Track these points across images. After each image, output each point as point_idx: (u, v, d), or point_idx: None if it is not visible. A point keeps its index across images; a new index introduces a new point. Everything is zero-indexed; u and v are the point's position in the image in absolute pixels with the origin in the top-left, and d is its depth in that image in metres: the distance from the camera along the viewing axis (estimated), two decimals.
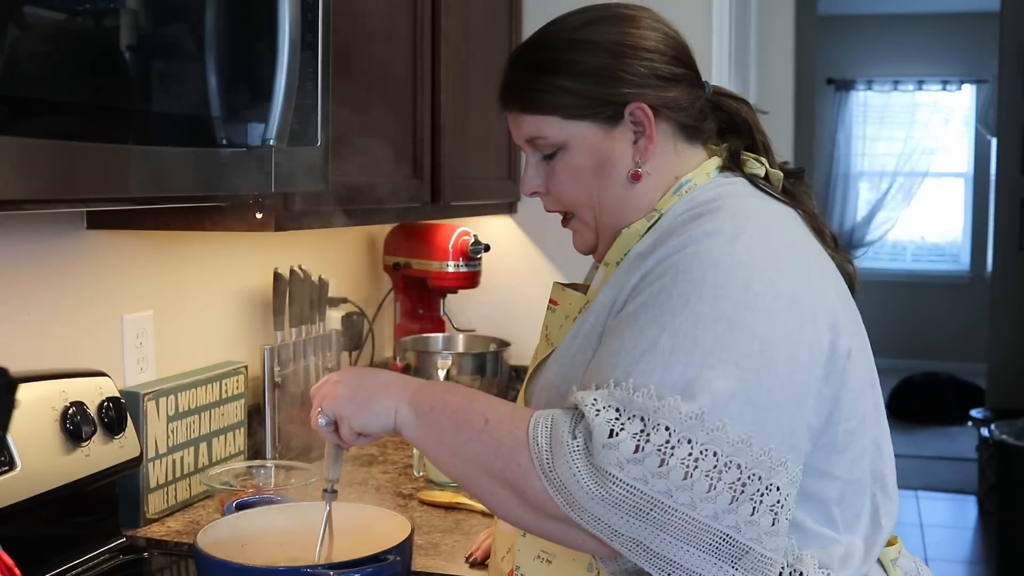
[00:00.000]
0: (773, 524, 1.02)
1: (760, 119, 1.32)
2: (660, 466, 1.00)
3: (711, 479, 1.00)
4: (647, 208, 1.23)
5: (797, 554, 1.10)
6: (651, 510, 1.00)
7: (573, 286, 1.31)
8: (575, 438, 1.04)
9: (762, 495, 1.01)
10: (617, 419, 1.02)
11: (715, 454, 1.00)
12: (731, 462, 1.01)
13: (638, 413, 1.02)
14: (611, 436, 1.01)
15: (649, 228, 1.21)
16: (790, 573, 1.09)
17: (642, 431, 1.01)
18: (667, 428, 1.01)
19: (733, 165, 1.26)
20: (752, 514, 1.01)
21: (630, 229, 1.22)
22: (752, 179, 1.24)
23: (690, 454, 1.00)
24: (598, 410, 1.03)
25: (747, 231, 1.12)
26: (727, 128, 1.29)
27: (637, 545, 1.02)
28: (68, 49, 1.07)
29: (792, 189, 1.27)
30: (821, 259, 1.18)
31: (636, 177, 1.22)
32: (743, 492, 1.00)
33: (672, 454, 1.00)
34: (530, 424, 1.08)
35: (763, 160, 1.27)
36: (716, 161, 1.26)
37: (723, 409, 1.01)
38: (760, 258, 1.09)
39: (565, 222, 1.31)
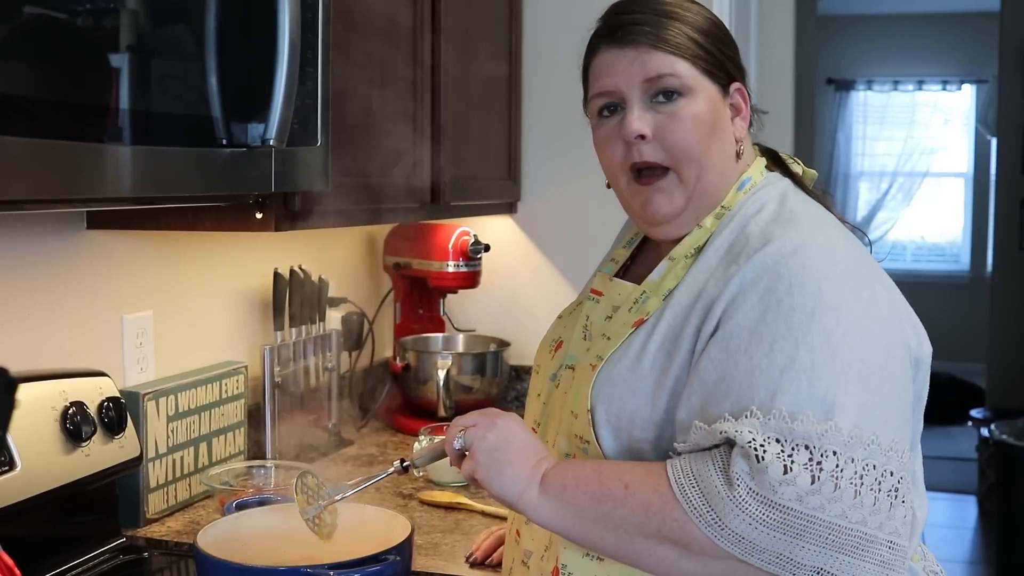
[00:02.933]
0: (906, 516, 1.07)
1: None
2: (834, 491, 1.03)
3: (874, 492, 1.04)
4: (732, 186, 1.25)
5: None
6: (829, 535, 1.03)
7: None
8: (732, 485, 1.04)
9: (904, 493, 1.06)
10: (783, 451, 1.03)
11: (874, 467, 1.04)
12: (887, 470, 1.05)
13: (801, 441, 1.03)
14: (785, 472, 1.02)
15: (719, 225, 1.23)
16: None
17: (810, 459, 1.03)
18: (834, 452, 1.03)
19: (774, 165, 1.30)
20: (905, 516, 1.07)
21: (700, 228, 1.23)
22: (794, 179, 1.29)
23: (856, 472, 1.03)
24: (762, 446, 1.03)
25: (834, 239, 1.17)
26: None
27: (818, 572, 1.05)
28: (68, 49, 1.07)
29: (819, 193, 1.31)
30: (861, 252, 1.22)
31: (739, 155, 1.26)
32: (896, 495, 1.06)
33: (841, 475, 1.03)
34: (671, 479, 1.08)
35: (798, 160, 1.33)
36: (762, 161, 1.29)
37: (871, 421, 1.05)
38: (856, 267, 1.14)
39: (652, 178, 1.23)
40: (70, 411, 1.48)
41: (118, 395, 1.59)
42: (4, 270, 1.54)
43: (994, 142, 6.16)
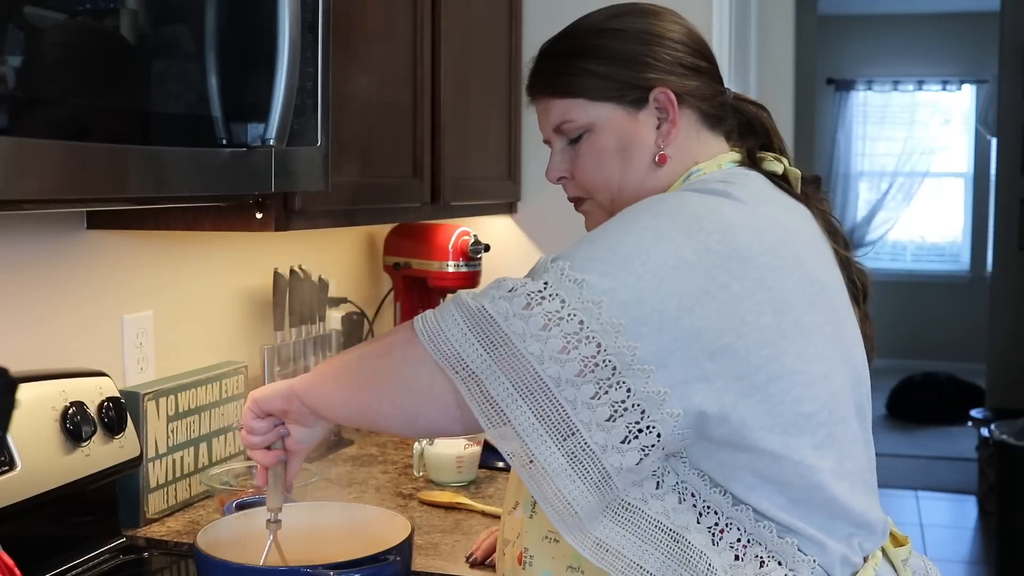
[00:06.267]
0: (610, 420, 1.02)
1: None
2: (524, 308, 1.03)
3: (567, 342, 1.02)
4: (662, 191, 1.24)
5: (755, 522, 1.10)
6: (500, 345, 1.03)
7: None
8: (460, 292, 1.09)
9: (610, 385, 1.02)
10: (521, 281, 1.07)
11: (581, 323, 1.02)
12: (593, 337, 1.02)
13: (531, 275, 1.08)
14: (511, 291, 1.06)
15: None
16: (748, 541, 1.09)
17: (523, 284, 1.06)
18: (545, 283, 1.05)
19: (750, 162, 1.27)
20: (593, 397, 1.02)
21: None
22: (769, 175, 1.25)
23: (557, 311, 1.03)
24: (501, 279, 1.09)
25: (732, 196, 1.14)
26: (746, 131, 1.31)
27: (476, 383, 1.04)
28: (68, 49, 1.07)
29: (809, 194, 1.28)
30: (810, 246, 1.18)
31: (662, 161, 1.25)
32: (592, 372, 1.02)
33: (540, 303, 1.03)
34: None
35: (782, 159, 1.29)
36: (733, 156, 1.27)
37: (608, 293, 1.03)
38: (730, 214, 1.11)
39: (578, 205, 1.33)
40: (70, 411, 1.48)
41: (118, 395, 1.59)
42: (4, 270, 1.54)
43: (994, 142, 6.16)
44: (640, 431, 1.03)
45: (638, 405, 1.03)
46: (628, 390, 1.02)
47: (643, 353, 1.02)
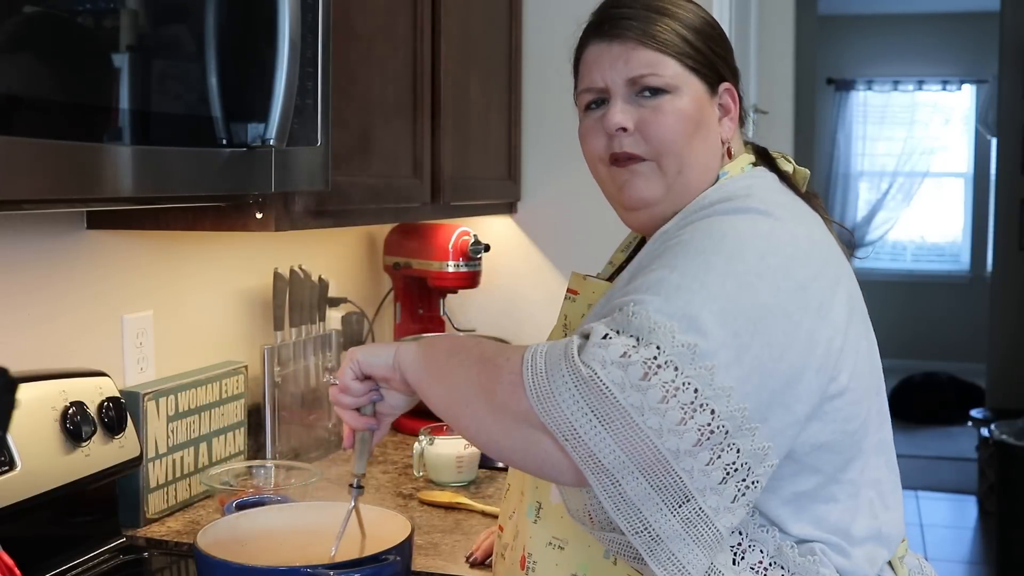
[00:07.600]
0: (722, 483, 1.01)
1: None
2: (642, 379, 0.99)
3: (685, 413, 0.99)
4: (707, 186, 1.24)
5: (778, 544, 1.11)
6: (617, 420, 0.99)
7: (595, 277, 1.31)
8: (570, 344, 1.04)
9: (722, 449, 1.01)
10: (616, 332, 1.03)
11: (696, 391, 1.00)
12: (707, 405, 1.00)
13: (635, 333, 1.02)
14: (605, 338, 1.02)
15: None
16: (770, 563, 1.10)
17: (634, 346, 1.01)
18: (658, 347, 1.00)
19: (763, 162, 1.29)
20: (708, 464, 1.00)
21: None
22: (782, 176, 1.27)
23: (673, 381, 0.99)
24: (607, 335, 1.03)
25: (773, 216, 1.13)
26: None
27: (589, 455, 1.00)
28: (68, 49, 1.07)
29: (811, 196, 1.30)
30: (840, 260, 1.19)
31: (729, 154, 1.27)
32: (709, 439, 1.00)
33: (657, 373, 0.99)
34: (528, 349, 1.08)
35: (790, 159, 1.31)
36: (749, 158, 1.29)
37: (714, 354, 1.01)
38: (781, 240, 1.11)
39: (627, 162, 1.24)
40: (70, 411, 1.48)
41: (118, 395, 1.59)
42: (4, 270, 1.54)
43: (994, 142, 6.16)
44: (747, 488, 1.03)
45: (746, 464, 1.02)
46: (738, 451, 1.02)
47: (750, 412, 1.02)
